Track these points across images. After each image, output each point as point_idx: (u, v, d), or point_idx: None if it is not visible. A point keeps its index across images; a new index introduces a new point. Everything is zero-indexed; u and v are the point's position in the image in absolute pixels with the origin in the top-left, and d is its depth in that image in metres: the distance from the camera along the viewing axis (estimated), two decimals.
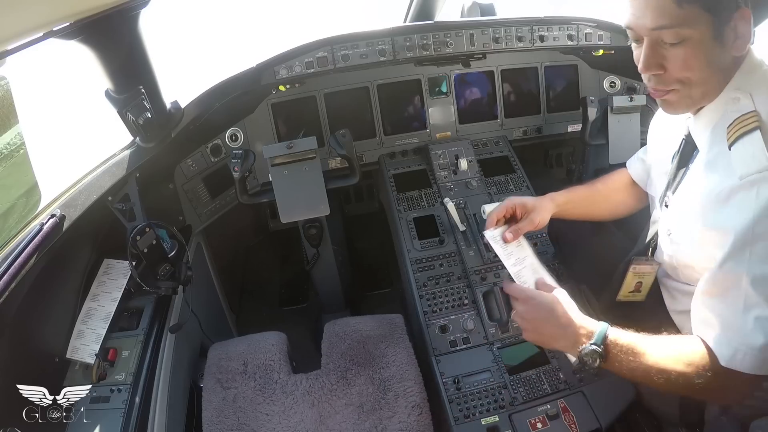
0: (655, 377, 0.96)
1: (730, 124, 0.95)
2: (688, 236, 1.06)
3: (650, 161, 1.40)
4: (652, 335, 1.01)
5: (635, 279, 1.31)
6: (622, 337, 1.00)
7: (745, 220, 0.86)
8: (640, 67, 1.00)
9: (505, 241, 1.29)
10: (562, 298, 1.10)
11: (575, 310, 1.08)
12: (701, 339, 0.97)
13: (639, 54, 0.99)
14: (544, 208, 1.37)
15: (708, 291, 0.96)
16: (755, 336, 0.87)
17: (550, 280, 1.24)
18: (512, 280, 1.21)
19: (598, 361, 0.98)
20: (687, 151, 1.13)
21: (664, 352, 0.97)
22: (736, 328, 0.89)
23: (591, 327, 1.02)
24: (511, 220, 1.38)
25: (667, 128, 1.26)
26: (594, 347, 0.98)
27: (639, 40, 0.99)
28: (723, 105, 0.99)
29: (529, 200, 1.37)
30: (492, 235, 1.30)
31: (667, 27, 0.91)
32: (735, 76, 0.97)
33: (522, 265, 1.27)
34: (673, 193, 1.15)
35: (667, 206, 1.19)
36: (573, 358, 1.04)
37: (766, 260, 0.85)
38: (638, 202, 1.50)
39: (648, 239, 1.31)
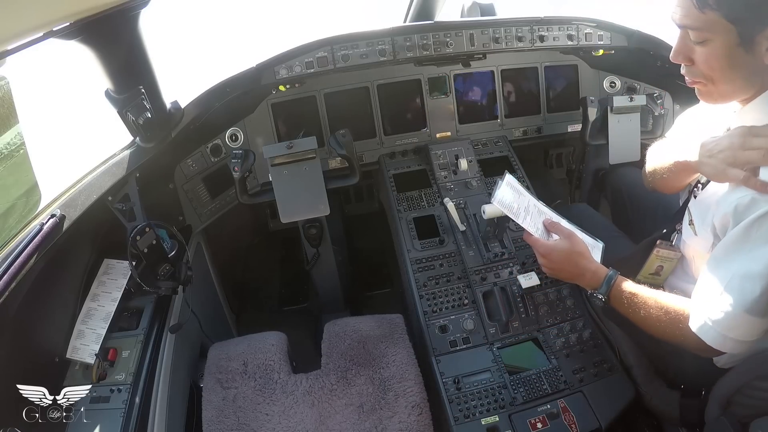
0: (642, 314, 1.17)
1: None
2: (705, 229, 1.12)
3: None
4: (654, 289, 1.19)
5: (657, 262, 1.36)
6: (623, 287, 1.22)
7: (753, 219, 0.93)
8: (671, 54, 1.07)
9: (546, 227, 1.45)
10: (574, 247, 1.34)
11: (586, 257, 1.32)
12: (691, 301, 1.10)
13: None
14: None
15: (708, 265, 1.06)
16: (720, 315, 0.99)
17: (552, 213, 1.49)
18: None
19: (602, 301, 1.26)
20: None
21: (656, 302, 1.15)
22: (712, 303, 1.01)
23: (600, 275, 1.27)
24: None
25: (709, 120, 1.26)
26: (599, 295, 1.26)
27: None
28: (765, 111, 1.00)
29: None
30: (501, 200, 1.42)
31: (690, 28, 0.97)
32: None
33: (529, 214, 1.44)
34: (703, 188, 1.17)
35: (695, 197, 1.21)
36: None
37: (756, 261, 0.94)
38: None
39: (674, 224, 1.37)
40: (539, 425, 1.34)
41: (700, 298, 1.05)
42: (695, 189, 1.22)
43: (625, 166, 2.06)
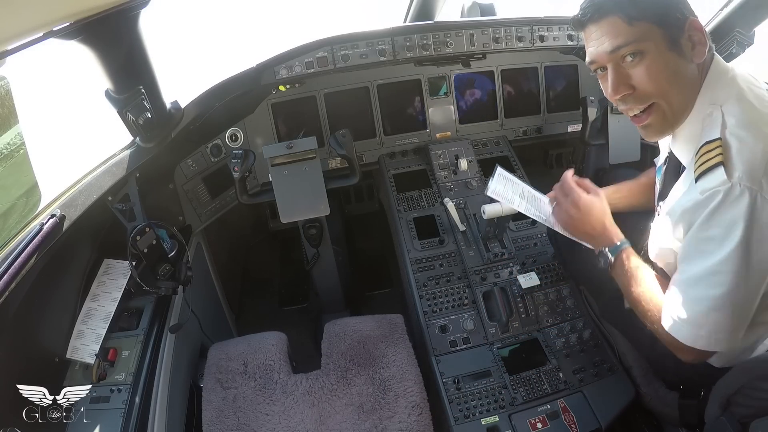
0: (633, 299, 1.15)
1: (698, 151, 0.97)
2: (666, 242, 1.10)
3: None
4: (654, 273, 1.16)
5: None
6: (631, 259, 1.18)
7: (702, 219, 0.94)
8: (609, 92, 1.05)
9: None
10: (605, 207, 1.29)
11: (610, 219, 1.27)
12: None
13: (606, 84, 1.04)
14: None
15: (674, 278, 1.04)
16: (686, 315, 0.98)
17: (546, 199, 1.45)
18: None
19: (607, 266, 1.22)
20: (671, 167, 1.16)
21: (650, 289, 1.12)
22: (680, 305, 1.00)
23: (614, 239, 1.23)
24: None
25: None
26: (608, 253, 1.22)
27: (603, 70, 1.04)
28: (700, 121, 1.00)
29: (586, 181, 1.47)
30: (494, 190, 1.43)
31: (624, 45, 0.97)
32: (703, 86, 1.00)
33: (524, 199, 1.45)
34: (663, 201, 1.17)
35: (658, 214, 1.21)
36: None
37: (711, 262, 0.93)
38: None
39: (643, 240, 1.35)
40: (539, 425, 1.35)
41: (669, 301, 1.04)
42: (658, 205, 1.22)
43: (625, 166, 2.06)
